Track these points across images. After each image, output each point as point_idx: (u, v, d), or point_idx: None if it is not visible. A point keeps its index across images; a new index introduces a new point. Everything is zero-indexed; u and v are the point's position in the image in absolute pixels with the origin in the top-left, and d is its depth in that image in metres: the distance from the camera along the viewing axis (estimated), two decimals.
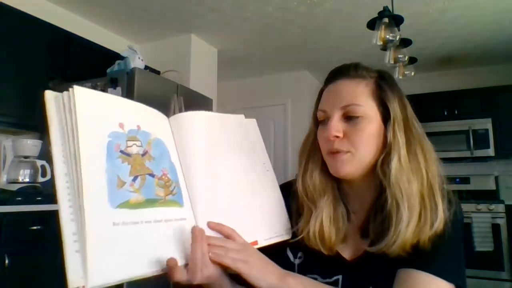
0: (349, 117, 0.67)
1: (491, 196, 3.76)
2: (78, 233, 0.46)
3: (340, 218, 0.70)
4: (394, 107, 0.68)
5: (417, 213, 0.62)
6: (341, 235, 0.69)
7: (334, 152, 0.67)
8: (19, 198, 2.14)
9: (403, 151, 0.66)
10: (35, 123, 2.52)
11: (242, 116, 0.77)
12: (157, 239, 0.52)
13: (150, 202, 0.53)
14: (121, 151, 0.52)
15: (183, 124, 0.66)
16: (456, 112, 3.91)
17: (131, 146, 0.54)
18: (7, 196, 2.19)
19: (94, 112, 0.52)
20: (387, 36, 2.16)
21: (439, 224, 0.62)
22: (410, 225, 0.61)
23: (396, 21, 2.21)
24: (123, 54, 2.70)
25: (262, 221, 0.68)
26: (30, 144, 2.50)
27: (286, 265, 0.67)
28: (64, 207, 0.46)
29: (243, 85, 4.86)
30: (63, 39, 2.74)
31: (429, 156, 0.68)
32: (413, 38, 2.60)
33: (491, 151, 3.72)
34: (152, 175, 0.55)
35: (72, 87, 0.51)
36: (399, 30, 2.21)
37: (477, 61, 4.09)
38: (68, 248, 0.45)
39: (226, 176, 0.66)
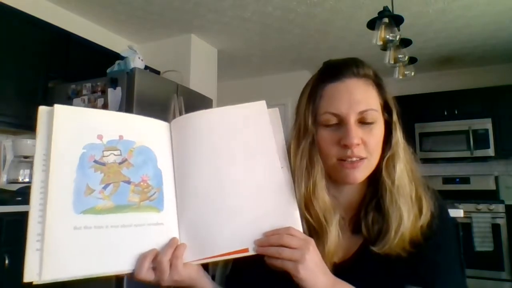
0: (363, 122, 0.65)
1: (491, 196, 3.76)
2: (42, 234, 0.52)
3: (345, 228, 0.68)
4: (395, 109, 0.68)
5: (412, 210, 0.64)
6: (343, 244, 0.67)
7: (353, 160, 0.63)
8: (19, 198, 2.14)
9: (403, 152, 0.67)
10: (35, 123, 2.52)
11: (255, 106, 0.68)
12: (122, 242, 0.56)
13: (120, 208, 0.57)
14: (95, 161, 0.58)
15: (180, 127, 0.66)
16: (456, 112, 3.91)
17: (107, 156, 0.59)
18: (7, 196, 2.19)
19: (71, 127, 0.58)
20: (387, 36, 2.16)
21: (426, 213, 0.65)
22: (408, 223, 0.63)
23: (396, 21, 2.21)
24: (123, 54, 2.70)
25: (260, 227, 0.61)
26: (30, 144, 2.50)
27: (283, 277, 0.62)
28: (35, 210, 0.53)
29: (243, 85, 4.86)
30: (63, 39, 2.74)
31: (408, 151, 0.70)
32: (413, 38, 2.60)
33: (491, 151, 3.73)
34: (128, 182, 0.59)
35: (53, 105, 0.58)
36: (399, 30, 2.21)
37: (477, 61, 4.09)
38: (29, 246, 0.51)
39: (222, 180, 0.63)
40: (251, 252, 0.60)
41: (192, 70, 3.48)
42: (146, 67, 2.88)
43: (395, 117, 0.68)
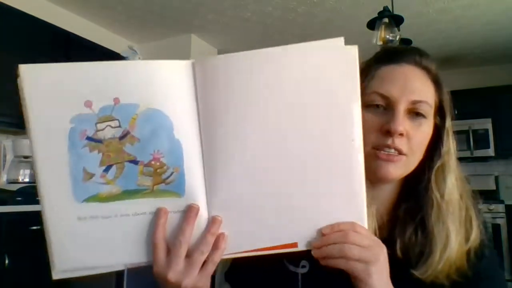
0: (413, 114, 0.57)
1: (491, 196, 3.76)
2: (45, 228, 0.47)
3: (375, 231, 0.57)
4: (449, 114, 0.61)
5: (460, 231, 0.56)
6: None
7: (390, 152, 0.55)
8: (19, 198, 2.14)
9: (455, 163, 0.59)
10: None
11: (332, 45, 0.51)
12: (135, 232, 0.47)
13: (130, 193, 0.46)
14: (88, 138, 0.44)
15: (215, 70, 0.46)
16: (456, 112, 3.88)
17: (103, 129, 0.44)
18: (7, 196, 2.19)
19: (49, 93, 0.44)
20: (387, 36, 2.16)
21: (474, 238, 0.56)
22: (455, 246, 0.54)
23: (396, 21, 2.21)
24: (123, 54, 2.71)
25: (314, 219, 0.48)
26: (30, 144, 2.50)
27: (286, 276, 0.59)
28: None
29: None
30: (63, 39, 2.74)
31: (459, 166, 0.61)
32: (413, 38, 2.60)
33: (491, 151, 3.73)
34: (134, 162, 0.45)
35: (17, 66, 0.43)
36: (399, 30, 2.21)
37: (477, 61, 4.09)
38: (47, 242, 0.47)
39: (271, 152, 0.47)
40: (300, 248, 0.49)
41: None
42: None
43: (448, 123, 0.60)
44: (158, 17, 3.18)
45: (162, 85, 0.45)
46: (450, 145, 0.60)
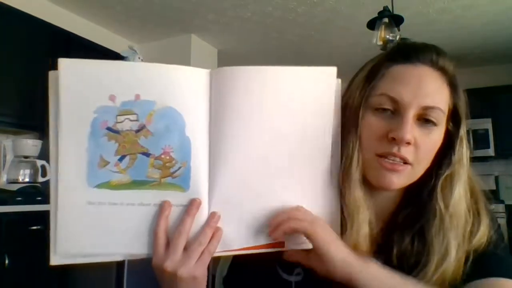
0: (423, 121, 0.53)
1: (491, 196, 3.75)
2: (55, 209, 0.48)
3: (372, 238, 0.55)
4: (464, 120, 0.56)
5: (462, 247, 0.52)
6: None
7: (395, 161, 0.52)
8: (19, 198, 2.14)
9: (465, 174, 0.55)
10: (35, 123, 2.52)
11: (325, 72, 0.55)
12: (139, 222, 0.50)
13: (138, 184, 0.49)
14: (108, 128, 0.48)
15: (224, 82, 0.51)
16: None
17: (122, 122, 0.49)
18: (7, 196, 2.19)
19: (80, 85, 0.48)
20: (387, 36, 2.16)
21: (477, 241, 0.53)
22: (454, 260, 0.51)
23: (396, 21, 2.21)
24: (123, 54, 2.71)
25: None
26: (30, 144, 2.50)
27: (279, 284, 0.58)
28: (53, 186, 0.49)
29: None
30: (63, 39, 2.74)
31: (472, 173, 0.58)
32: (413, 38, 2.60)
33: (491, 151, 3.73)
34: (146, 154, 0.49)
35: (57, 59, 0.48)
36: (399, 30, 2.21)
37: (477, 61, 4.09)
38: (51, 226, 0.48)
39: (266, 159, 0.52)
40: (288, 247, 0.53)
41: None
42: None
43: (463, 131, 0.56)
44: (158, 17, 3.18)
45: (181, 87, 0.50)
46: (462, 154, 0.55)
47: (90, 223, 0.49)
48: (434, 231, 0.52)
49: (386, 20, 2.19)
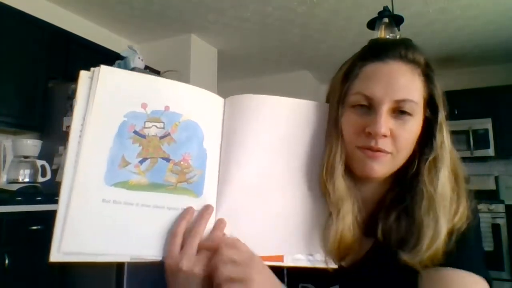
0: (398, 113, 0.56)
1: (491, 196, 3.76)
2: (68, 203, 0.48)
3: (357, 225, 0.58)
4: (442, 107, 0.59)
5: (449, 223, 0.55)
6: (356, 244, 0.58)
7: (374, 150, 0.56)
8: (19, 198, 2.14)
9: (448, 157, 0.58)
10: (35, 123, 2.53)
11: (322, 107, 0.62)
12: (152, 224, 0.52)
13: (155, 186, 0.52)
14: (135, 132, 0.53)
15: (235, 107, 0.59)
16: (456, 112, 3.90)
17: (149, 127, 0.53)
18: (7, 196, 2.19)
19: (115, 91, 0.53)
20: (387, 36, 2.16)
21: (459, 219, 0.55)
22: (444, 237, 0.54)
23: (396, 21, 2.21)
24: (123, 54, 2.70)
25: (297, 236, 0.57)
26: (30, 144, 2.50)
27: (272, 272, 0.58)
28: (67, 181, 0.49)
29: (243, 85, 4.86)
30: (63, 39, 2.74)
31: (455, 156, 0.60)
32: (413, 38, 2.59)
33: (491, 151, 3.73)
34: (167, 159, 0.53)
35: (99, 65, 0.53)
36: (399, 30, 2.21)
37: (477, 61, 4.10)
38: (57, 221, 0.47)
39: (267, 175, 0.58)
40: (286, 263, 0.55)
41: (192, 70, 3.48)
42: (146, 67, 2.89)
43: (441, 117, 0.59)
44: (158, 17, 3.18)
45: (203, 107, 0.57)
46: (443, 137, 0.58)
47: (101, 221, 0.49)
48: (423, 211, 0.55)
49: (386, 20, 2.19)
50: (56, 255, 0.47)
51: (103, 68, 0.53)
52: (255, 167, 0.57)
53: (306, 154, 0.60)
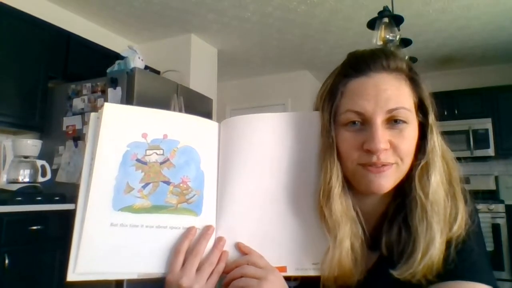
0: (392, 123, 0.55)
1: (491, 196, 3.76)
2: (80, 228, 0.54)
3: (360, 247, 0.57)
4: (431, 110, 0.58)
5: (444, 231, 0.54)
6: (359, 268, 0.56)
7: (378, 166, 0.54)
8: (19, 198, 2.14)
9: (440, 160, 0.57)
10: (35, 123, 2.52)
11: (313, 117, 0.62)
12: (156, 243, 0.56)
13: (157, 208, 0.57)
14: (137, 160, 0.58)
15: (231, 128, 0.63)
16: (456, 112, 3.91)
17: (150, 155, 0.58)
18: (7, 196, 2.19)
19: (118, 125, 0.58)
20: (387, 36, 2.16)
21: (458, 227, 0.54)
22: (439, 246, 0.52)
23: (396, 21, 2.21)
24: (123, 54, 2.70)
25: (296, 248, 0.59)
26: (30, 144, 2.50)
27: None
28: (80, 210, 0.55)
29: (243, 85, 4.86)
30: (63, 39, 2.74)
31: (450, 157, 0.59)
32: (413, 38, 2.61)
33: (491, 151, 3.73)
34: (168, 183, 0.58)
35: (103, 104, 0.59)
36: (399, 30, 2.21)
37: (477, 61, 4.09)
38: (73, 246, 0.53)
39: (264, 192, 0.60)
40: (289, 272, 0.58)
41: (192, 70, 3.48)
42: (146, 67, 2.88)
43: (431, 119, 0.58)
44: (158, 17, 3.18)
45: (199, 132, 0.62)
46: (434, 141, 0.57)
47: (110, 243, 0.54)
48: (418, 219, 0.54)
49: (386, 20, 2.19)
50: (71, 276, 0.52)
51: (107, 105, 0.58)
52: (252, 185, 0.60)
53: (301, 167, 0.61)
